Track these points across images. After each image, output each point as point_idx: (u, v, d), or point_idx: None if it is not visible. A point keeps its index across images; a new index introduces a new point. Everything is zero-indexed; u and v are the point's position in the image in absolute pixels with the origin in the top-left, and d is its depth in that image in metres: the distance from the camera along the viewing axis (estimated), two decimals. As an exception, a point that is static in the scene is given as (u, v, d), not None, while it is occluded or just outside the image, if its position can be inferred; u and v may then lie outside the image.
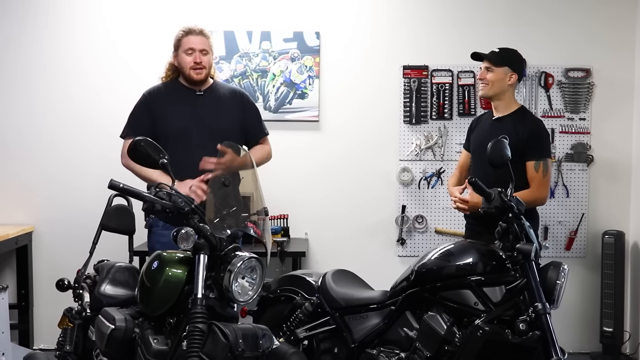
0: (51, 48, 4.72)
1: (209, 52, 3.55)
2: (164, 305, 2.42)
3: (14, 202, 4.72)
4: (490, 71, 3.55)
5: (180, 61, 3.53)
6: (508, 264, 2.70)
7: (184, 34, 3.53)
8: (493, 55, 3.58)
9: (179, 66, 3.55)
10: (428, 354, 2.69)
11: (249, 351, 2.24)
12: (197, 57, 3.49)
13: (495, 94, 3.57)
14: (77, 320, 2.99)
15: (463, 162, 3.80)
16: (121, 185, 2.37)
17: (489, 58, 3.57)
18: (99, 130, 4.64)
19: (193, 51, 3.50)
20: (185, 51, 3.50)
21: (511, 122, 3.51)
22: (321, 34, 4.71)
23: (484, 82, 3.57)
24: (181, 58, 3.52)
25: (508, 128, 3.44)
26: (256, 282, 2.38)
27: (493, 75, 3.54)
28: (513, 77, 3.55)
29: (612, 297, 4.59)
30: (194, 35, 3.52)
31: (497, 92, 3.56)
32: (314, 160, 4.77)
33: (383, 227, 4.78)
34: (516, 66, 3.58)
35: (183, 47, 3.51)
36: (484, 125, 3.67)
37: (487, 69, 3.56)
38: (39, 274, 4.71)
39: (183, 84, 3.58)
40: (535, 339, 2.54)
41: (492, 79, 3.54)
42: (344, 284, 3.20)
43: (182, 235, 2.29)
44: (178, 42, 3.54)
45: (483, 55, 3.60)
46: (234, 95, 3.68)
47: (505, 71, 3.54)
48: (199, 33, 3.54)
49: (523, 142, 3.39)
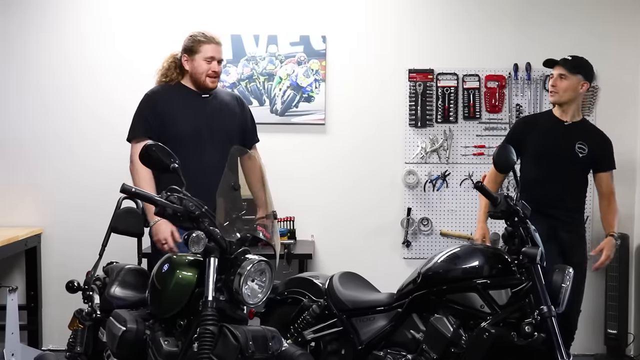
0: (61, 50, 4.75)
1: (222, 61, 3.63)
2: (175, 307, 2.44)
3: (24, 204, 4.76)
4: (564, 78, 3.61)
5: (196, 66, 3.55)
6: (514, 267, 2.73)
7: (205, 40, 3.55)
8: (567, 62, 3.62)
9: (193, 71, 3.57)
10: (434, 356, 2.72)
11: (258, 353, 2.28)
12: (215, 67, 3.55)
13: (566, 102, 3.65)
14: (87, 321, 3.01)
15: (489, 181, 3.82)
16: (133, 189, 2.40)
17: (563, 65, 3.62)
18: (109, 132, 4.67)
19: (213, 60, 3.54)
20: (205, 59, 3.53)
21: (584, 130, 3.68)
22: (327, 38, 4.74)
23: (556, 89, 3.63)
24: (198, 64, 3.54)
25: (583, 135, 3.64)
26: (265, 284, 2.41)
27: (567, 84, 3.61)
28: (585, 86, 3.65)
29: (617, 299, 4.62)
30: (215, 44, 3.57)
31: (568, 99, 3.64)
32: (320, 163, 4.80)
33: (388, 230, 4.81)
34: (588, 75, 3.68)
35: (203, 54, 3.53)
36: (551, 129, 3.70)
37: (561, 76, 3.61)
38: (48, 275, 4.74)
39: (188, 87, 3.61)
40: (540, 341, 2.57)
41: (565, 87, 3.61)
42: (351, 286, 3.23)
43: (193, 239, 2.33)
44: (197, 47, 3.54)
45: (556, 62, 3.65)
46: (234, 99, 3.76)
47: (578, 80, 3.62)
48: (218, 43, 3.60)
49: (596, 153, 3.62)
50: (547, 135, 3.69)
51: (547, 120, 3.75)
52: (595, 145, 3.64)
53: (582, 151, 3.65)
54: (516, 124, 3.98)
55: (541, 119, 3.85)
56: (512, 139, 3.75)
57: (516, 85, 4.74)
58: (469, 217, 4.74)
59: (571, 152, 3.64)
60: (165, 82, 3.64)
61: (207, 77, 3.54)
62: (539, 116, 3.96)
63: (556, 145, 3.65)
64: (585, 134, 3.65)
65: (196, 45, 3.55)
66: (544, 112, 3.82)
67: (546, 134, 3.69)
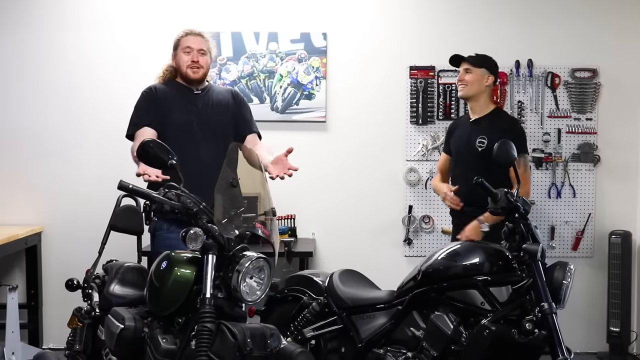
0: (61, 49, 4.75)
1: (206, 54, 3.58)
2: (173, 305, 2.43)
3: (24, 203, 4.76)
4: (469, 72, 3.78)
5: (177, 60, 3.56)
6: (514, 264, 2.71)
7: (183, 34, 3.58)
8: (472, 58, 3.83)
9: (177, 65, 3.57)
10: (435, 353, 2.71)
11: (257, 350, 2.26)
12: (195, 56, 3.52)
13: (474, 94, 3.79)
14: (86, 319, 3.02)
15: (442, 166, 4.08)
16: (130, 186, 2.39)
17: (468, 60, 3.81)
18: (109, 130, 4.66)
19: (191, 50, 3.53)
20: (183, 49, 3.53)
21: (488, 123, 3.73)
22: (328, 35, 4.73)
23: (463, 83, 3.79)
24: (179, 57, 3.55)
25: (487, 128, 3.70)
26: (264, 282, 2.39)
27: (472, 76, 3.78)
28: (490, 79, 3.81)
29: (619, 297, 4.59)
30: (193, 36, 3.57)
31: (475, 92, 3.79)
32: (320, 161, 4.78)
33: (390, 227, 4.79)
34: (492, 69, 3.83)
35: (181, 45, 3.55)
36: (462, 128, 3.89)
37: (466, 71, 3.80)
38: (48, 274, 4.73)
39: (179, 83, 3.61)
40: (541, 338, 2.56)
41: (470, 80, 3.77)
42: (351, 283, 3.22)
43: (190, 236, 2.32)
44: (177, 42, 3.58)
45: (462, 58, 3.84)
46: (228, 93, 3.73)
47: (482, 72, 3.79)
48: (198, 34, 3.59)
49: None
50: (457, 134, 3.91)
51: (463, 120, 3.98)
52: (496, 136, 3.44)
53: (481, 145, 3.70)
54: (446, 131, 4.18)
55: (461, 119, 4.08)
56: (445, 142, 4.09)
57: (518, 81, 4.72)
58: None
59: (472, 147, 3.73)
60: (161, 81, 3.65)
61: (188, 68, 3.52)
62: (462, 117, 4.16)
63: (460, 143, 3.84)
64: (488, 127, 3.71)
65: (177, 41, 3.58)
66: (466, 113, 3.94)
67: (457, 133, 3.91)
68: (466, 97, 3.87)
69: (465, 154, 3.81)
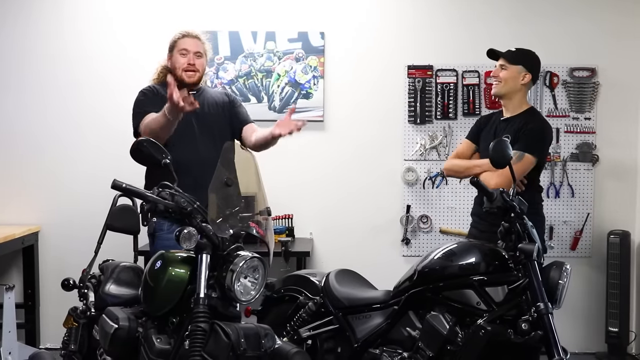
0: (58, 49, 4.75)
1: (202, 56, 3.55)
2: (167, 304, 2.43)
3: (21, 202, 4.75)
4: (504, 69, 3.52)
5: (173, 62, 3.52)
6: (511, 264, 2.69)
7: (180, 36, 3.54)
8: (509, 53, 3.55)
9: (172, 67, 3.53)
10: (430, 353, 2.70)
11: (251, 350, 2.26)
12: (191, 59, 3.49)
13: (507, 92, 3.53)
14: (81, 319, 3.00)
15: (463, 151, 3.72)
16: (124, 185, 2.39)
17: (505, 56, 3.54)
18: (105, 130, 4.66)
19: (187, 52, 3.49)
20: (179, 51, 3.50)
21: (519, 122, 3.47)
22: (326, 34, 4.72)
23: (497, 79, 3.53)
24: (175, 59, 3.51)
25: (515, 127, 3.45)
26: (258, 281, 2.39)
27: (506, 73, 3.50)
28: (527, 77, 3.51)
29: (618, 297, 4.58)
30: (190, 38, 3.53)
31: (509, 90, 3.52)
32: (318, 160, 4.78)
33: (388, 227, 4.78)
34: (531, 66, 3.54)
35: (178, 47, 3.51)
36: (492, 126, 3.63)
37: (502, 67, 3.53)
38: (45, 273, 4.73)
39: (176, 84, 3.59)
40: (537, 338, 2.54)
41: (505, 77, 3.50)
42: (347, 283, 3.20)
43: (184, 235, 2.31)
44: (173, 44, 3.54)
45: (499, 53, 3.57)
46: (222, 94, 3.73)
47: (519, 70, 3.51)
48: (195, 36, 3.55)
49: (519, 134, 3.39)
50: (486, 132, 3.63)
51: (495, 118, 3.68)
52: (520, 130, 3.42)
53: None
54: (477, 121, 3.86)
55: (494, 116, 3.75)
56: (472, 131, 3.75)
57: (516, 81, 4.70)
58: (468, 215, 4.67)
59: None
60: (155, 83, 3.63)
61: (184, 72, 3.48)
62: (495, 113, 3.79)
63: (489, 140, 3.41)
64: (516, 125, 3.47)
65: (173, 42, 3.55)
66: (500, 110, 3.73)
67: (488, 131, 3.63)
68: (499, 95, 3.60)
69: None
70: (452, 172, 3.74)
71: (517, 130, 3.41)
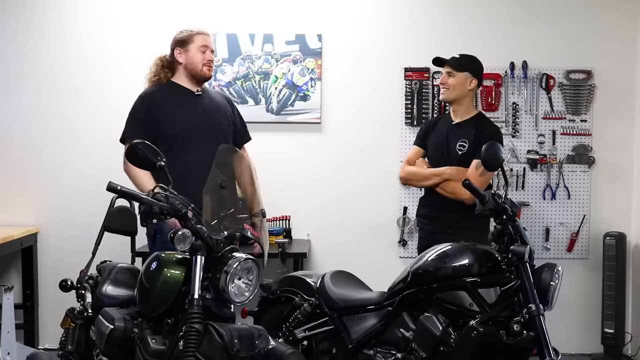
0: (57, 51, 4.76)
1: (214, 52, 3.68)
2: (162, 305, 2.45)
3: (20, 204, 4.77)
4: (452, 76, 3.65)
5: (191, 56, 3.57)
6: (503, 266, 2.71)
7: (196, 31, 3.61)
8: (454, 60, 3.68)
9: (189, 61, 3.57)
10: (423, 354, 2.72)
11: (244, 351, 2.28)
12: (210, 56, 3.60)
13: (455, 98, 3.68)
14: (78, 320, 3.02)
15: (412, 158, 3.86)
16: (119, 187, 2.42)
17: (450, 63, 3.67)
18: (104, 132, 4.67)
19: (206, 49, 3.59)
20: (199, 48, 3.57)
21: (472, 127, 3.62)
22: (323, 37, 4.74)
23: (445, 86, 3.67)
24: (193, 54, 3.57)
25: (468, 132, 3.59)
26: (252, 283, 2.41)
27: (454, 80, 3.64)
28: (473, 83, 3.67)
29: (614, 298, 4.60)
30: (207, 35, 3.63)
31: (457, 96, 3.67)
32: (315, 162, 4.80)
33: (384, 229, 4.80)
34: (476, 72, 3.70)
35: (197, 43, 3.57)
36: (441, 129, 3.74)
37: (449, 74, 3.67)
38: (44, 274, 4.75)
39: (180, 85, 3.61)
40: (529, 339, 2.56)
41: (453, 84, 3.65)
42: (342, 285, 3.22)
43: (178, 237, 2.34)
44: (190, 38, 3.58)
45: (444, 61, 3.70)
46: (224, 99, 3.79)
47: (465, 76, 3.66)
48: (209, 34, 3.66)
49: (477, 144, 3.44)
50: (436, 136, 3.75)
51: (444, 121, 3.80)
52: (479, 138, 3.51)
53: (462, 149, 3.61)
54: (422, 126, 4.02)
55: (439, 120, 3.89)
56: (418, 137, 3.90)
57: (512, 83, 4.73)
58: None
59: (452, 150, 3.63)
60: (157, 82, 3.65)
61: (204, 67, 3.58)
62: (441, 117, 3.96)
63: (441, 145, 3.69)
64: (470, 130, 3.60)
65: (189, 37, 3.59)
66: (447, 113, 3.85)
67: (437, 134, 3.75)
68: (448, 101, 3.79)
69: (442, 156, 3.68)
70: (410, 181, 3.92)
71: (474, 137, 3.53)
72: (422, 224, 3.81)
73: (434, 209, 3.70)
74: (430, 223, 3.70)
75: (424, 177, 3.72)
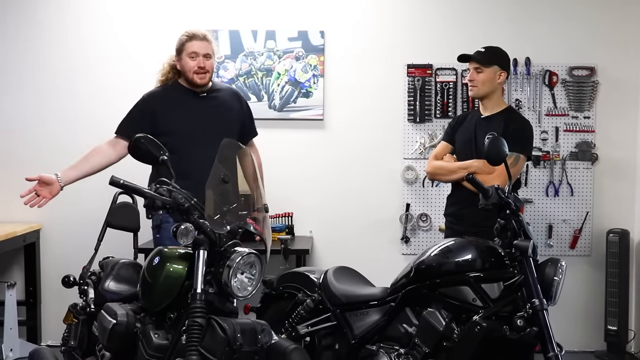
0: (59, 50, 4.77)
1: (211, 57, 3.60)
2: (165, 300, 2.45)
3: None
4: (480, 72, 3.57)
5: (183, 65, 3.57)
6: (506, 261, 2.70)
7: (187, 38, 3.57)
8: (480, 55, 3.59)
9: (182, 70, 3.58)
10: (426, 349, 2.71)
11: (247, 345, 2.27)
12: (201, 62, 3.54)
13: (486, 94, 3.60)
14: (81, 315, 3.02)
15: (440, 153, 3.77)
16: (122, 181, 2.42)
17: (477, 59, 3.58)
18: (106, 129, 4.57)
19: (197, 55, 3.54)
20: (188, 55, 3.54)
21: (501, 120, 3.55)
22: (326, 33, 4.73)
23: (474, 83, 3.59)
24: (185, 62, 3.55)
25: (497, 126, 3.50)
26: (255, 277, 2.41)
27: (483, 76, 3.57)
28: (502, 75, 3.59)
29: (617, 295, 4.59)
30: (198, 40, 3.56)
31: (487, 91, 3.59)
32: (318, 159, 4.80)
33: (387, 225, 4.80)
34: (504, 64, 3.62)
35: (186, 51, 3.54)
36: (470, 124, 3.68)
37: (477, 70, 3.58)
38: (46, 271, 4.75)
39: (184, 86, 3.62)
40: (532, 335, 2.55)
41: (482, 79, 3.57)
42: (345, 280, 3.22)
43: (181, 231, 2.33)
44: (181, 46, 3.57)
45: (470, 57, 3.61)
46: (233, 95, 3.77)
47: (494, 70, 3.58)
48: (203, 38, 3.58)
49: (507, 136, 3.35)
50: (465, 131, 3.68)
51: (472, 116, 3.73)
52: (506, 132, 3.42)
53: None
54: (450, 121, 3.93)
55: (468, 115, 3.81)
56: (447, 132, 3.82)
57: (515, 80, 4.71)
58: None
59: (481, 144, 3.51)
60: (163, 83, 3.67)
61: (195, 75, 3.54)
62: (470, 113, 3.88)
63: (470, 139, 3.62)
64: (499, 124, 3.52)
65: (181, 45, 3.58)
66: (476, 108, 3.78)
67: (465, 129, 3.68)
68: (478, 98, 3.68)
69: (470, 150, 3.62)
70: (437, 176, 3.80)
71: (503, 130, 3.44)
72: (449, 223, 3.71)
73: (462, 206, 3.59)
74: (458, 223, 3.59)
75: (450, 171, 3.63)
